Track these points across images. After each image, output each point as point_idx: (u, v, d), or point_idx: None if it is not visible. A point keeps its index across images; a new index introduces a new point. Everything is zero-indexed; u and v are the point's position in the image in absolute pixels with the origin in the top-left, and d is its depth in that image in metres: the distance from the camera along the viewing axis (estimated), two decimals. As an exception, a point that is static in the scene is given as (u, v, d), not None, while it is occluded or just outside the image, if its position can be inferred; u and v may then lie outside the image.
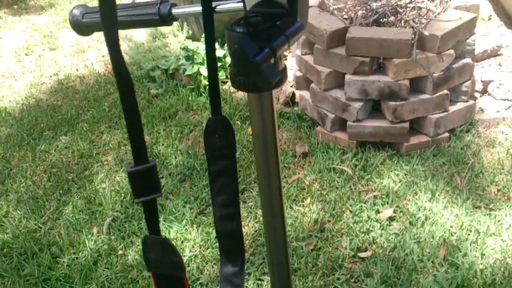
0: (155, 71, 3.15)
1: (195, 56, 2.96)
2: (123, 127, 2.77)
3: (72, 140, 2.70)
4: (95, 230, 2.08)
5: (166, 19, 0.70)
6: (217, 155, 0.63)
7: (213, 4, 0.59)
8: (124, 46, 3.76)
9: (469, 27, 2.36)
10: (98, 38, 4.03)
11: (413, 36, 2.24)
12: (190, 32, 3.43)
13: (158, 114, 2.84)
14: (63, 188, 2.35)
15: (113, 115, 2.89)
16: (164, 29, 3.72)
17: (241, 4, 0.56)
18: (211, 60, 0.59)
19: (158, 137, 2.65)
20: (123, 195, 2.25)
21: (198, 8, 0.64)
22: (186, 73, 2.95)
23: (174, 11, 0.69)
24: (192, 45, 3.00)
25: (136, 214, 2.14)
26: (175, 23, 3.67)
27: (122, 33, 4.05)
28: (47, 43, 3.97)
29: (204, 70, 2.94)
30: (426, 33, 2.22)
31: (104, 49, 3.80)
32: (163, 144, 2.58)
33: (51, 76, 3.48)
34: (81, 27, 0.74)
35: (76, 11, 0.74)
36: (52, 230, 2.11)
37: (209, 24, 0.57)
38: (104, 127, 2.79)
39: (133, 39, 3.74)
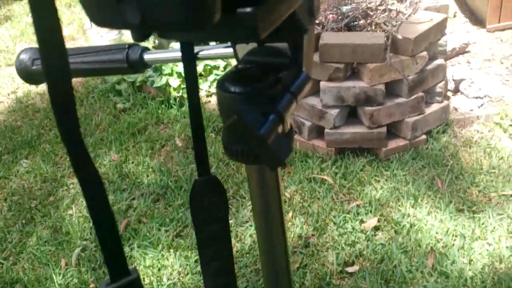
0: (121, 84, 3.01)
1: (163, 67, 2.84)
2: (89, 146, 2.62)
3: (33, 163, 2.54)
4: (63, 262, 1.93)
5: (137, 66, 0.58)
6: (206, 220, 0.52)
7: (196, 49, 0.48)
8: (85, 59, 3.60)
9: (440, 28, 2.33)
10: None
11: (386, 39, 2.19)
12: (157, 42, 3.30)
13: (126, 129, 2.70)
14: (25, 217, 2.18)
15: (77, 133, 2.74)
16: (128, 39, 3.58)
17: (229, 50, 0.45)
18: (195, 114, 0.49)
19: (128, 154, 2.51)
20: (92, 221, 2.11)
21: (176, 54, 0.53)
22: (155, 85, 2.82)
23: (147, 57, 0.58)
24: (158, 56, 2.88)
25: (108, 240, 2.00)
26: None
27: (84, 44, 3.88)
28: (4, 59, 3.77)
29: (173, 81, 2.82)
30: (399, 36, 2.17)
31: (64, 63, 3.64)
32: (133, 162, 2.45)
33: (8, 94, 3.29)
34: (31, 75, 0.61)
35: (24, 56, 0.61)
36: (15, 266, 1.95)
37: (191, 75, 0.46)
38: (68, 147, 2.63)
39: (94, 51, 3.58)
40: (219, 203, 0.52)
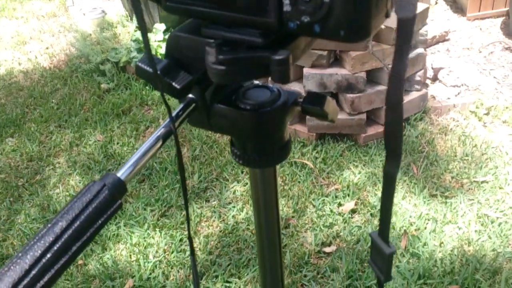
0: (105, 64, 3.02)
1: (147, 49, 2.85)
2: (73, 126, 2.64)
3: (19, 142, 2.56)
4: (51, 239, 1.98)
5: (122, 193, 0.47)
6: None
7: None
8: (69, 37, 3.58)
9: (422, 17, 2.40)
10: (41, 28, 3.81)
11: (369, 28, 2.25)
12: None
13: (111, 110, 2.73)
14: (13, 195, 2.22)
15: (62, 113, 2.75)
16: (112, 18, 3.56)
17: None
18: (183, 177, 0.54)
19: (112, 135, 2.55)
20: (79, 200, 2.16)
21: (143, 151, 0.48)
22: (139, 66, 2.84)
23: (124, 175, 0.47)
24: (143, 36, 2.89)
25: (94, 219, 2.05)
26: (124, 13, 3.53)
27: (66, 22, 3.85)
28: (-16, 34, 3.72)
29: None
30: (382, 26, 2.23)
31: (48, 40, 3.61)
32: (118, 143, 2.49)
33: (-9, 71, 3.27)
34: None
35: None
36: (4, 242, 2.00)
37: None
38: (53, 126, 2.65)
39: (79, 29, 3.56)
40: None
